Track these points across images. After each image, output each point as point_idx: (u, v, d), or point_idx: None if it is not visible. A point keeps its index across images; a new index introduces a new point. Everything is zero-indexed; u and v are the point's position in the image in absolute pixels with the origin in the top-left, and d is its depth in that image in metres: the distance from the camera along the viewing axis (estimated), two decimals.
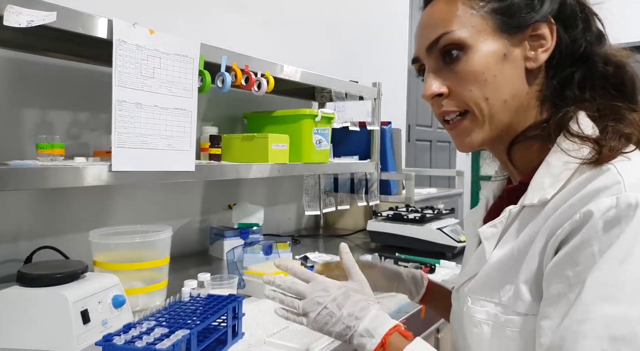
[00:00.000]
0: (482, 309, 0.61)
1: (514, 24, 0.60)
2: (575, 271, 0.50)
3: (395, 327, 0.65)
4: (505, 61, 0.60)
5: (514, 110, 0.61)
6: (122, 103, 1.00)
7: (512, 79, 0.60)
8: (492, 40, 0.60)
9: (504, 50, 0.60)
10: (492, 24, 0.60)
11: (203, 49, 1.15)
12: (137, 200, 1.47)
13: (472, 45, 0.60)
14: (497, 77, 0.60)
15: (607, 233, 0.49)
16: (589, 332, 0.47)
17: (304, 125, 1.54)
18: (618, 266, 0.48)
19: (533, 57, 0.60)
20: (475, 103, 0.61)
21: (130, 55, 1.00)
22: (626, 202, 0.49)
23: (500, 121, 0.61)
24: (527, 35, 0.60)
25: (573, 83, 0.61)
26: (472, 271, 0.67)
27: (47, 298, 0.77)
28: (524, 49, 0.60)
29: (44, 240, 1.21)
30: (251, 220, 1.58)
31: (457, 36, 0.60)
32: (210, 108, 1.66)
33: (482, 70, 0.60)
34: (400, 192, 2.11)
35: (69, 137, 1.28)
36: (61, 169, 0.92)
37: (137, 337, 0.68)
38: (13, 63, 1.17)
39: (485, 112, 0.61)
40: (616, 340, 0.47)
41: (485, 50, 0.60)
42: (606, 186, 0.51)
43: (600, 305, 0.48)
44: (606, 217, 0.49)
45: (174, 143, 1.10)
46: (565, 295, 0.50)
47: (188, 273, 1.29)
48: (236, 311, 0.87)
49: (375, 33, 2.68)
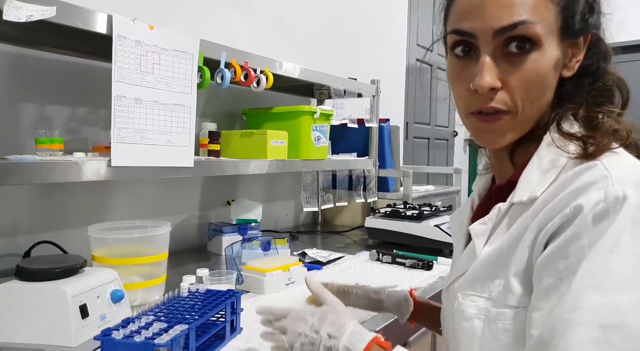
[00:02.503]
0: (473, 304, 0.62)
1: (575, 30, 0.59)
2: (565, 263, 0.51)
3: (373, 340, 0.64)
4: (557, 67, 0.59)
5: (542, 114, 0.62)
6: (122, 99, 1.00)
7: (553, 84, 0.60)
8: (557, 42, 0.58)
9: (560, 55, 0.59)
10: (559, 24, 0.57)
11: (202, 45, 1.15)
12: (136, 196, 1.47)
13: (544, 44, 0.56)
14: (549, 82, 0.59)
15: (596, 226, 0.50)
16: (579, 320, 0.48)
17: (303, 122, 1.55)
18: (607, 256, 0.49)
19: (571, 66, 0.61)
20: (524, 104, 0.58)
21: (129, 50, 1.00)
22: (614, 195, 0.50)
23: (530, 124, 0.61)
24: (577, 43, 0.61)
25: (573, 92, 0.62)
26: (463, 268, 0.67)
27: (45, 293, 0.77)
28: (567, 56, 0.61)
29: (42, 234, 1.21)
30: (249, 216, 1.59)
31: (537, 31, 0.55)
32: (209, 104, 1.66)
33: (545, 73, 0.57)
34: (398, 189, 2.12)
35: (68, 132, 1.28)
36: (60, 164, 0.92)
37: (136, 332, 0.69)
38: (12, 58, 1.17)
39: (526, 114, 0.59)
40: (606, 328, 0.47)
41: (551, 51, 0.57)
42: (594, 181, 0.52)
43: (589, 294, 0.49)
44: (595, 210, 0.50)
45: (173, 139, 1.10)
46: (556, 287, 0.51)
47: (186, 268, 1.29)
48: (234, 307, 0.88)
49: (374, 30, 2.68)
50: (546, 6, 0.56)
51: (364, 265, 1.41)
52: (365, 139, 1.99)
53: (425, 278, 1.27)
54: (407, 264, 1.37)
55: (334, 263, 1.43)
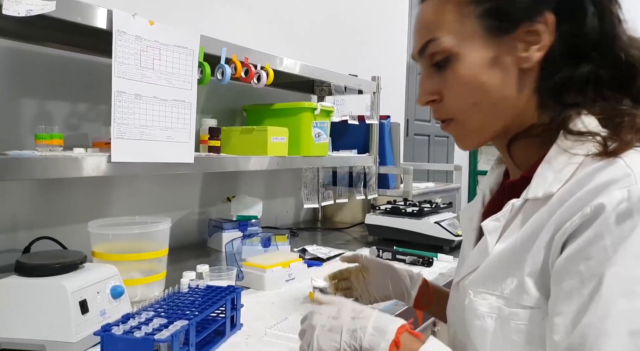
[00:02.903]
0: (485, 302, 0.60)
1: (506, 25, 0.57)
2: (587, 265, 0.49)
3: (404, 326, 0.61)
4: (495, 65, 0.58)
5: (506, 112, 0.60)
6: (122, 94, 0.99)
7: (502, 81, 0.59)
8: (482, 45, 0.58)
9: (494, 54, 0.58)
10: (483, 27, 0.58)
11: (203, 40, 1.14)
12: (136, 192, 1.47)
13: (459, 53, 0.59)
14: (486, 83, 0.59)
15: (619, 227, 0.48)
16: (610, 329, 0.47)
17: (303, 119, 1.54)
18: (634, 260, 0.47)
19: (526, 57, 0.58)
20: (463, 110, 0.61)
21: (129, 46, 1.00)
22: (638, 194, 0.48)
23: (492, 124, 0.61)
24: (521, 34, 0.57)
25: (574, 82, 0.58)
26: (474, 264, 0.66)
27: (45, 288, 0.77)
28: (516, 50, 0.58)
29: (42, 230, 1.21)
30: (250, 213, 1.59)
31: (443, 45, 0.59)
32: (210, 100, 1.65)
33: (469, 78, 0.59)
34: (399, 186, 2.12)
35: (68, 127, 1.27)
36: (60, 159, 0.92)
37: (136, 327, 0.69)
38: (12, 53, 1.17)
39: (474, 117, 0.61)
40: (634, 334, 0.46)
41: (473, 57, 0.58)
42: (616, 178, 0.50)
43: (619, 300, 0.47)
44: (618, 210, 0.48)
45: (173, 134, 1.10)
46: (578, 290, 0.50)
47: (186, 264, 1.29)
48: (235, 303, 0.88)
49: (375, 27, 2.67)
50: (456, 17, 0.59)
51: None
52: (365, 136, 1.99)
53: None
54: (407, 261, 1.37)
55: (334, 259, 1.43)
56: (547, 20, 0.57)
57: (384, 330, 0.60)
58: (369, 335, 0.60)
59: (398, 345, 0.59)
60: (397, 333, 0.59)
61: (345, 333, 0.61)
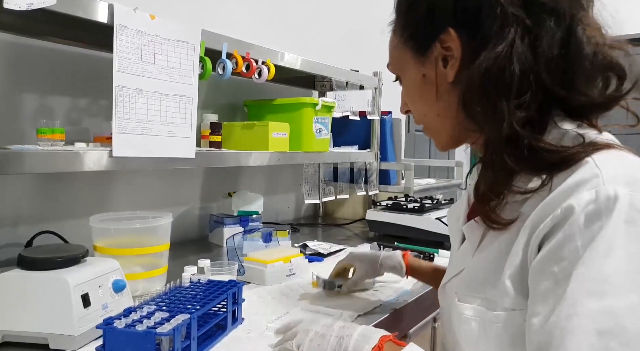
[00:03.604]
0: (469, 306, 0.62)
1: (422, 45, 0.64)
2: (560, 266, 0.50)
3: (388, 336, 0.65)
4: (427, 82, 0.65)
5: (451, 121, 0.65)
6: (123, 89, 0.99)
7: (436, 96, 0.64)
8: (412, 66, 0.67)
9: (422, 72, 0.65)
10: (411, 50, 0.66)
11: (204, 35, 1.14)
12: (138, 187, 1.47)
13: (401, 75, 0.71)
14: (424, 97, 0.67)
15: (589, 228, 0.49)
16: (576, 328, 0.47)
17: (305, 114, 1.54)
18: (601, 260, 0.48)
19: (445, 72, 0.62)
20: (421, 120, 0.71)
21: (130, 40, 0.99)
22: (605, 195, 0.49)
23: (445, 130, 0.68)
24: (438, 51, 0.62)
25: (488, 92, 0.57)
26: (458, 268, 0.68)
27: (47, 282, 0.77)
28: (438, 66, 0.63)
29: (44, 224, 1.21)
30: (251, 208, 1.59)
31: (392, 69, 0.73)
32: (211, 95, 1.65)
33: (411, 95, 0.70)
34: (400, 182, 2.12)
35: (69, 122, 1.27)
36: (62, 154, 0.92)
37: (138, 321, 0.69)
38: (13, 47, 1.17)
39: (429, 125, 0.70)
40: (603, 334, 0.46)
41: (410, 77, 0.68)
42: (585, 179, 0.51)
43: (586, 299, 0.47)
44: (587, 211, 0.49)
45: (175, 129, 1.10)
46: (553, 291, 0.50)
47: (188, 259, 1.29)
48: (236, 297, 0.88)
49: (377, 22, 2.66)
50: (396, 45, 0.69)
51: None
52: (367, 132, 1.98)
53: None
54: None
55: (335, 255, 1.43)
56: (451, 36, 0.60)
57: (369, 337, 0.64)
58: (354, 341, 0.64)
59: (381, 350, 0.62)
60: (381, 340, 0.63)
61: (333, 339, 0.66)
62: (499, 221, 0.58)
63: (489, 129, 0.58)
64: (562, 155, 0.54)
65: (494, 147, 0.58)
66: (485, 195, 0.60)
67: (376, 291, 1.09)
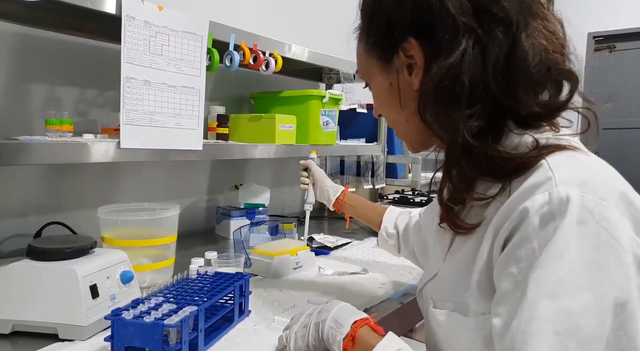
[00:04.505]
0: (443, 311, 0.63)
1: (386, 54, 0.63)
2: (519, 268, 0.50)
3: (365, 320, 0.64)
4: (393, 89, 0.65)
5: (419, 126, 0.63)
6: (131, 80, 0.99)
7: (404, 102, 0.64)
8: (379, 74, 0.66)
9: (389, 80, 0.65)
10: (374, 58, 0.66)
11: (211, 26, 1.14)
12: (145, 178, 1.47)
13: (369, 82, 0.70)
14: (392, 104, 0.66)
15: (543, 229, 0.49)
16: (536, 331, 0.47)
17: (312, 106, 1.54)
18: (556, 262, 0.48)
19: (410, 80, 0.61)
20: (390, 125, 0.71)
21: (138, 31, 0.99)
22: (558, 197, 0.49)
23: (415, 135, 0.67)
24: (403, 60, 0.61)
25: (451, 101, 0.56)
26: (432, 272, 0.69)
27: (56, 272, 0.77)
28: (403, 74, 0.62)
29: (52, 215, 1.22)
30: (257, 201, 1.59)
31: (360, 76, 0.72)
32: (218, 87, 1.65)
33: (380, 101, 0.69)
34: (407, 176, 2.11)
35: (77, 113, 1.28)
36: (70, 145, 0.92)
37: (146, 312, 0.69)
38: (22, 38, 1.17)
39: (399, 130, 0.70)
40: (560, 334, 0.46)
41: (377, 84, 0.68)
42: (539, 182, 0.51)
43: (543, 302, 0.48)
44: (541, 213, 0.49)
45: (182, 121, 1.10)
46: (512, 292, 0.51)
47: (195, 251, 1.30)
48: (243, 290, 0.88)
49: None
50: (362, 52, 0.68)
51: (371, 250, 1.41)
52: (374, 125, 1.97)
53: None
54: None
55: (342, 248, 1.43)
56: (412, 45, 0.59)
57: (341, 324, 0.64)
58: (327, 328, 0.64)
59: (354, 339, 0.62)
60: (354, 327, 0.63)
61: (312, 327, 0.67)
62: (463, 226, 0.59)
63: (445, 138, 0.59)
64: (518, 162, 0.54)
65: (452, 156, 0.58)
66: (448, 202, 0.61)
67: (383, 285, 1.09)
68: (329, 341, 0.64)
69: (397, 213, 1.07)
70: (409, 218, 1.03)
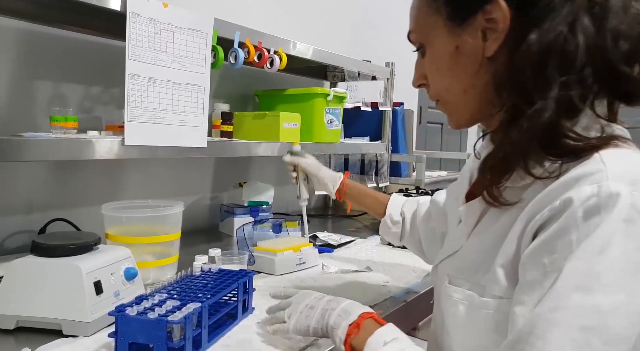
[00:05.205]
0: (459, 289, 0.61)
1: (463, 14, 0.58)
2: (551, 259, 0.49)
3: (369, 313, 0.67)
4: (458, 54, 0.60)
5: (476, 98, 0.61)
6: (135, 77, 0.99)
7: (467, 70, 0.60)
8: (445, 35, 0.61)
9: (455, 43, 0.60)
10: (445, 19, 0.60)
11: (216, 24, 1.13)
12: (149, 175, 1.47)
13: (427, 43, 0.64)
14: (453, 71, 0.61)
15: (586, 222, 0.47)
16: (560, 320, 0.46)
17: (316, 104, 1.53)
18: (595, 256, 0.46)
19: (485, 46, 0.57)
20: (440, 94, 0.66)
21: (143, 28, 0.99)
22: (608, 191, 0.47)
23: (468, 107, 0.63)
24: (480, 22, 0.57)
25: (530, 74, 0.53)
26: (451, 249, 0.67)
27: (61, 268, 0.77)
28: (477, 38, 0.58)
29: (57, 212, 1.22)
30: (261, 199, 1.59)
31: (415, 37, 0.66)
32: (222, 85, 1.65)
33: (437, 67, 0.63)
34: (411, 174, 2.11)
35: (81, 110, 1.28)
36: (75, 141, 0.92)
37: (149, 309, 0.69)
38: (26, 35, 1.17)
39: (450, 101, 0.65)
40: (586, 330, 0.45)
41: (439, 47, 0.62)
42: (588, 173, 0.49)
43: (573, 294, 0.46)
44: (586, 205, 0.48)
45: (187, 118, 1.10)
46: (540, 282, 0.49)
47: (198, 248, 1.29)
48: (247, 287, 0.88)
49: (390, 11, 2.63)
50: (424, 11, 0.63)
51: (375, 249, 1.40)
52: (378, 123, 1.97)
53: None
54: None
55: (345, 246, 1.43)
56: (499, 7, 0.55)
57: (349, 312, 0.67)
58: (335, 315, 0.67)
59: (359, 326, 0.65)
60: (360, 317, 0.66)
61: (319, 311, 0.70)
62: (498, 198, 0.57)
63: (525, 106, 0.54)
64: (580, 146, 0.52)
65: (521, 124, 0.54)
66: (494, 168, 0.58)
67: (386, 284, 1.08)
68: (333, 327, 0.66)
69: (403, 200, 1.06)
70: (417, 206, 1.01)
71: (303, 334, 0.71)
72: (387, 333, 0.63)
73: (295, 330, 0.71)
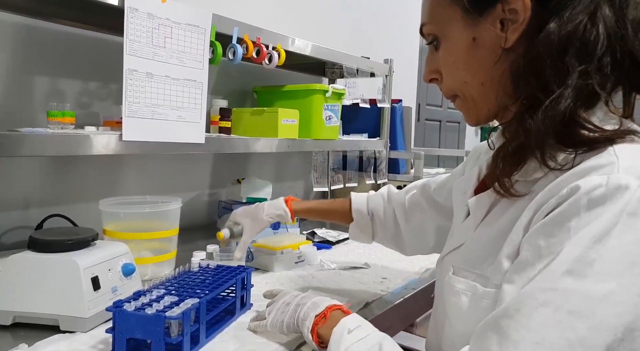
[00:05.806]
0: (463, 280, 0.61)
1: (482, 4, 0.57)
2: (548, 242, 0.49)
3: (337, 305, 0.71)
4: (476, 45, 0.59)
5: (494, 90, 0.60)
6: (133, 73, 0.99)
7: (485, 62, 0.59)
8: (461, 26, 0.59)
9: (473, 35, 0.59)
10: (462, 10, 0.59)
11: (215, 19, 1.13)
12: (147, 171, 1.47)
13: (443, 36, 0.62)
14: (470, 63, 0.60)
15: (588, 211, 0.47)
16: (548, 301, 0.47)
17: (315, 101, 1.53)
18: (592, 243, 0.46)
19: (504, 36, 0.57)
20: (457, 88, 0.63)
21: (141, 23, 0.98)
22: (616, 183, 0.47)
23: (486, 101, 0.62)
24: (499, 13, 0.56)
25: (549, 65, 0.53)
26: (458, 241, 0.67)
27: (58, 264, 0.77)
28: (495, 29, 0.57)
29: (54, 208, 1.22)
30: (259, 195, 1.58)
31: (429, 29, 0.63)
32: (221, 81, 1.64)
33: (454, 59, 0.61)
34: (409, 171, 2.10)
35: (79, 106, 1.27)
36: (72, 137, 0.92)
37: (147, 304, 0.69)
38: (24, 29, 1.16)
39: (468, 95, 0.63)
40: (573, 314, 0.45)
41: (455, 39, 0.60)
42: (600, 165, 0.49)
43: (565, 277, 0.47)
44: (592, 194, 0.47)
45: (185, 114, 1.09)
46: (532, 263, 0.50)
47: (196, 244, 1.30)
48: (245, 283, 0.88)
49: (388, 8, 2.63)
50: (441, 1, 0.60)
51: (372, 245, 1.40)
52: (376, 120, 1.96)
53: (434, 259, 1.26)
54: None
55: (343, 243, 1.43)
56: None
57: (318, 305, 0.71)
58: (305, 308, 0.71)
59: (326, 317, 0.69)
60: (327, 308, 0.70)
61: (292, 308, 0.73)
62: (509, 189, 0.57)
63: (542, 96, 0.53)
64: (596, 137, 0.52)
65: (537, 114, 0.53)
66: (507, 158, 0.57)
67: (384, 280, 1.08)
68: (302, 318, 0.70)
69: (365, 199, 1.03)
70: (389, 201, 1.00)
71: (278, 329, 0.74)
72: (352, 322, 0.66)
73: (272, 325, 0.75)
